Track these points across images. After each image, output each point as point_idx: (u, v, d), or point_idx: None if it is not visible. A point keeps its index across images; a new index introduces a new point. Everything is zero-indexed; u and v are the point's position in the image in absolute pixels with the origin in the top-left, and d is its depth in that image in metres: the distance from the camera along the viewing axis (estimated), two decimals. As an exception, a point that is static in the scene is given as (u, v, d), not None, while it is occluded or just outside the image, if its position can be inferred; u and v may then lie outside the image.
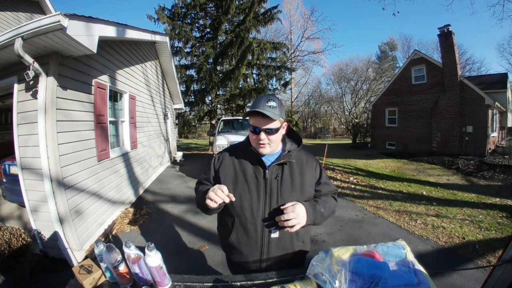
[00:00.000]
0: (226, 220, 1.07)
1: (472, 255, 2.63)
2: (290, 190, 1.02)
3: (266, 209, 1.00)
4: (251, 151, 1.03)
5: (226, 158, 1.09)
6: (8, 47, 2.10)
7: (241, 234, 1.03)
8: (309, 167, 1.09)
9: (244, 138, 1.13)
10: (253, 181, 1.02)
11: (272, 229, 1.00)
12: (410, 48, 26.76)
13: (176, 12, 11.62)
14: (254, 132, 0.99)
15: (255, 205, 1.00)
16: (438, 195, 4.70)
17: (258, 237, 1.01)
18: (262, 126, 0.96)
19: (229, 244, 1.07)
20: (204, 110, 12.79)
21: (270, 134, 0.97)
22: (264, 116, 0.93)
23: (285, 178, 1.02)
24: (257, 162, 1.03)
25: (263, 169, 1.02)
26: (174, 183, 5.76)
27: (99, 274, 0.89)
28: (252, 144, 1.02)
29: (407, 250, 0.87)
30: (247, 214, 1.01)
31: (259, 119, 0.95)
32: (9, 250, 1.95)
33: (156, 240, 2.88)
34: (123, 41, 4.08)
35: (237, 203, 1.00)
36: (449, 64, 9.85)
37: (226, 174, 1.05)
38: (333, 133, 29.91)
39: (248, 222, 1.01)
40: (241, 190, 1.01)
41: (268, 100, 0.95)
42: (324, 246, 2.86)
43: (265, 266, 1.04)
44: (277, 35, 21.12)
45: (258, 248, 1.02)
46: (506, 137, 13.20)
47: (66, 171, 2.49)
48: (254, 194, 1.01)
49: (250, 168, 1.04)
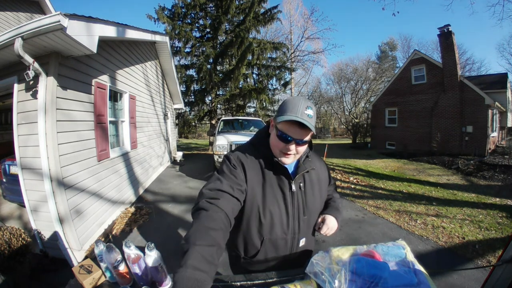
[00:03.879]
0: (250, 239, 0.95)
1: (472, 255, 2.63)
2: (313, 198, 0.99)
3: (295, 222, 0.95)
4: (275, 161, 0.90)
5: (250, 165, 0.91)
6: (8, 47, 2.10)
7: (270, 251, 0.96)
8: (323, 171, 1.07)
9: (255, 138, 1.02)
10: (280, 194, 0.92)
11: (300, 239, 0.99)
12: (410, 48, 26.83)
13: (176, 12, 11.62)
14: (283, 140, 0.85)
15: (285, 221, 0.93)
16: (438, 195, 4.70)
17: (287, 249, 0.98)
18: (296, 137, 0.84)
19: (253, 262, 0.99)
20: (204, 110, 12.79)
21: (300, 145, 0.87)
22: (302, 127, 0.81)
23: (308, 187, 0.97)
24: (280, 171, 0.92)
25: (288, 180, 0.92)
26: (174, 183, 5.76)
27: (99, 274, 0.89)
28: (274, 150, 0.91)
29: (407, 250, 0.87)
30: (278, 231, 0.93)
31: (296, 128, 0.82)
32: (9, 250, 1.95)
33: (156, 240, 2.88)
34: (123, 41, 4.07)
35: (267, 222, 0.91)
36: (449, 64, 9.85)
37: (253, 187, 0.89)
38: (333, 133, 29.91)
39: (279, 238, 0.94)
40: (271, 206, 0.90)
41: (307, 108, 0.81)
42: (324, 246, 2.85)
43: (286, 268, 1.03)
44: (277, 35, 21.09)
45: (286, 258, 1.00)
46: (506, 137, 13.21)
47: (66, 171, 2.49)
48: (283, 209, 0.92)
49: (274, 179, 0.92)
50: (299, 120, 0.79)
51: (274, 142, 0.90)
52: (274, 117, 0.89)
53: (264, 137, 0.98)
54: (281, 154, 0.88)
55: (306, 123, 0.79)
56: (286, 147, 0.86)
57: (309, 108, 0.82)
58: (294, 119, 0.79)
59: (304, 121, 0.79)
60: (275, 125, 0.88)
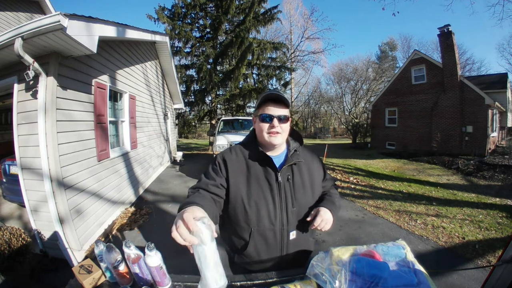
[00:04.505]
0: (240, 232, 0.99)
1: (472, 255, 2.63)
2: (303, 190, 1.00)
3: (283, 213, 0.96)
4: (260, 152, 0.97)
5: (233, 161, 0.99)
6: (8, 47, 2.10)
7: (260, 243, 0.98)
8: (316, 165, 1.09)
9: (245, 138, 1.09)
10: (266, 185, 0.96)
11: (290, 232, 0.99)
12: (410, 48, 26.75)
13: (176, 12, 11.62)
14: (265, 120, 0.95)
15: (272, 212, 0.95)
16: (438, 195, 4.70)
17: (277, 242, 0.98)
18: (275, 113, 0.94)
19: (246, 256, 1.01)
20: (204, 110, 12.78)
21: (283, 121, 0.95)
22: (277, 103, 0.94)
23: (296, 179, 1.00)
24: (266, 163, 0.97)
25: (274, 172, 0.96)
26: (174, 183, 5.76)
27: (99, 274, 0.89)
28: (262, 135, 0.97)
29: (407, 250, 0.87)
30: (265, 222, 0.95)
31: (272, 107, 0.94)
32: (9, 250, 1.95)
33: (156, 240, 2.87)
34: (123, 41, 4.07)
35: (253, 212, 0.94)
36: (449, 64, 9.85)
37: (237, 180, 0.96)
38: (333, 133, 29.90)
39: (267, 229, 0.96)
40: (256, 197, 0.94)
41: (274, 90, 0.98)
42: (324, 246, 2.86)
43: (283, 267, 1.02)
44: (277, 35, 21.11)
45: (277, 252, 1.00)
46: (506, 137, 13.20)
47: (66, 171, 2.49)
48: (270, 200, 0.95)
49: (260, 171, 0.97)
50: (271, 93, 0.94)
51: (259, 128, 0.98)
52: (254, 113, 1.03)
53: (252, 136, 1.07)
54: (270, 134, 0.95)
55: (278, 94, 0.93)
56: (270, 125, 0.94)
57: (276, 90, 0.97)
58: (267, 96, 0.94)
59: (275, 92, 0.93)
60: (256, 116, 1.00)
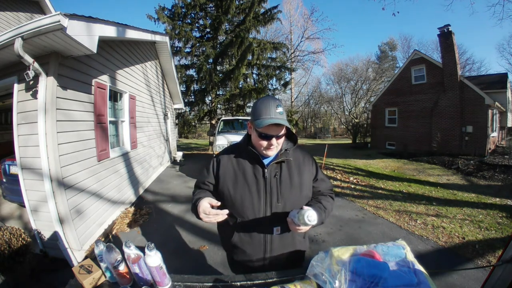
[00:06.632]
0: (228, 221, 1.06)
1: (472, 255, 2.63)
2: (290, 188, 1.04)
3: (267, 207, 1.01)
4: (250, 150, 1.03)
5: (225, 160, 1.09)
6: (8, 47, 2.09)
7: (244, 233, 1.05)
8: (306, 165, 1.11)
9: (242, 139, 1.13)
10: (252, 180, 1.02)
11: (274, 227, 1.03)
12: (410, 48, 26.71)
13: (176, 12, 11.61)
14: (265, 139, 0.97)
15: (256, 205, 1.01)
16: (438, 195, 4.70)
17: (260, 235, 1.04)
18: (275, 133, 0.95)
19: (231, 244, 1.08)
20: (204, 110, 12.77)
21: (279, 138, 0.99)
22: (278, 125, 0.94)
23: (284, 176, 1.04)
24: (255, 161, 1.04)
25: (262, 168, 1.03)
26: (174, 183, 5.76)
27: (99, 274, 0.89)
28: (258, 148, 1.01)
29: (407, 250, 0.87)
30: (249, 214, 1.02)
31: (273, 128, 0.94)
32: (9, 250, 1.95)
33: (156, 240, 2.88)
34: (123, 41, 4.07)
35: (239, 204, 1.02)
36: (449, 64, 9.85)
37: (225, 176, 1.05)
38: (333, 133, 29.92)
39: (250, 221, 1.02)
40: (242, 191, 1.02)
41: (277, 106, 0.95)
42: (324, 246, 2.86)
43: (269, 264, 1.06)
44: (277, 35, 21.11)
45: (261, 246, 1.05)
46: (506, 137, 13.20)
47: (66, 171, 2.49)
48: (255, 194, 1.01)
49: (249, 167, 1.04)
50: (275, 122, 0.91)
51: (257, 142, 1.00)
52: (251, 121, 1.00)
53: (246, 139, 1.10)
54: (266, 150, 1.00)
55: (281, 122, 0.92)
56: (269, 143, 0.98)
57: (279, 106, 0.95)
58: (271, 122, 0.91)
59: (279, 121, 0.92)
60: (254, 128, 0.98)
